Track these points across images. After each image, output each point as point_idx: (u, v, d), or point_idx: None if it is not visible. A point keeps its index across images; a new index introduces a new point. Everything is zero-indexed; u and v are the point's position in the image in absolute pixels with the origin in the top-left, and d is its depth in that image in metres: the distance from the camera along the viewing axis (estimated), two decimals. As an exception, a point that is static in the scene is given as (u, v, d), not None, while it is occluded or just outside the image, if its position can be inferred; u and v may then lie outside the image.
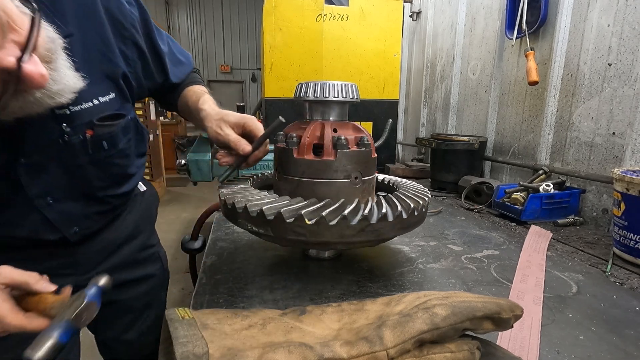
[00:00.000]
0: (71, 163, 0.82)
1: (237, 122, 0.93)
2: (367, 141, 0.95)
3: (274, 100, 2.41)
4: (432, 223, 1.56)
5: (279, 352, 0.49)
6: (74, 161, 0.82)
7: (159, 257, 1.24)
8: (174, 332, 0.52)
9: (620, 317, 0.85)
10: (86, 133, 0.80)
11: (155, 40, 0.97)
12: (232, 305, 0.85)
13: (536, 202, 1.62)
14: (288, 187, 0.96)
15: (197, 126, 1.06)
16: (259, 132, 0.95)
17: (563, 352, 0.71)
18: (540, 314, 0.84)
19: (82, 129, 0.80)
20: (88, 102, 0.79)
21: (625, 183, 1.18)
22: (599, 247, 1.37)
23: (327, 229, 0.80)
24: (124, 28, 0.86)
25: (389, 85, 2.60)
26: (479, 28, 2.62)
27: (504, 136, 2.39)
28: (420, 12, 3.52)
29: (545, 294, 0.94)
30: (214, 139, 0.94)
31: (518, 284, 0.99)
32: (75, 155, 0.82)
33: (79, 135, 0.80)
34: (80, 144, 0.81)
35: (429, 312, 0.55)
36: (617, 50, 1.61)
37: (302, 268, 1.06)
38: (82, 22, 0.77)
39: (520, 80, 2.23)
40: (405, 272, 1.05)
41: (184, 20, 12.68)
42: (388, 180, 1.20)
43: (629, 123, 1.54)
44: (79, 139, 0.80)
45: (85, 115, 0.79)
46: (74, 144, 0.80)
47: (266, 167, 1.85)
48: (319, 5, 2.39)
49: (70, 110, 0.77)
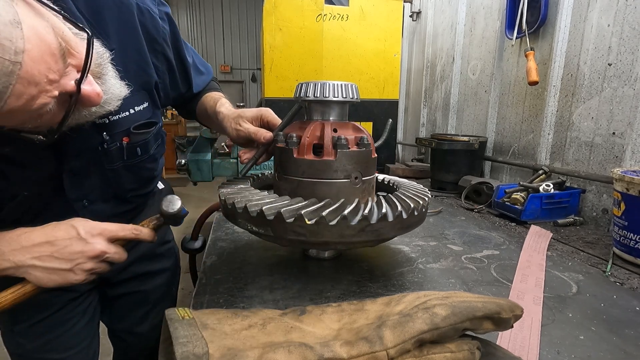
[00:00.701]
0: (108, 168, 0.88)
1: (254, 116, 0.98)
2: (367, 141, 0.95)
3: (274, 100, 2.41)
4: (432, 223, 1.55)
5: (279, 352, 0.49)
6: (111, 167, 0.88)
7: (174, 252, 1.31)
8: (174, 332, 0.52)
9: (620, 317, 0.85)
10: (123, 140, 0.86)
11: (183, 54, 1.02)
12: (232, 305, 0.85)
13: (536, 202, 1.62)
14: (288, 187, 0.96)
15: (217, 130, 1.12)
16: (276, 122, 0.99)
17: (563, 352, 0.71)
18: (540, 314, 0.84)
19: (120, 137, 0.86)
20: (125, 112, 0.84)
21: (625, 183, 1.18)
22: (599, 247, 1.37)
23: (327, 229, 0.80)
24: (156, 42, 0.91)
25: (389, 85, 2.60)
26: (479, 28, 2.62)
27: (504, 136, 2.39)
28: (420, 12, 3.52)
29: (545, 294, 0.94)
30: (235, 136, 0.98)
31: (518, 284, 0.99)
32: (112, 161, 0.87)
33: (116, 143, 0.85)
34: (117, 151, 0.87)
35: (429, 312, 0.55)
36: (617, 50, 1.61)
37: (302, 268, 1.06)
38: (122, 36, 0.82)
39: (520, 80, 2.23)
40: (405, 272, 1.05)
41: (184, 20, 12.68)
42: (388, 180, 1.20)
43: (629, 123, 1.54)
44: (116, 146, 0.86)
45: (123, 124, 0.85)
46: (111, 151, 0.86)
47: (266, 167, 1.85)
48: (319, 5, 2.39)
49: (110, 120, 0.82)
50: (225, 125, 1.00)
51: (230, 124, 0.98)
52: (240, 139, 0.98)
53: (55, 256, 0.70)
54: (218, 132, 1.81)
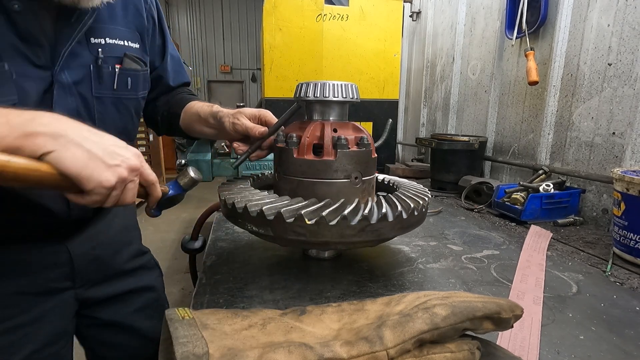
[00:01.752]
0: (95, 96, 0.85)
1: (253, 114, 1.01)
2: (367, 141, 0.95)
3: (274, 100, 2.41)
4: (432, 223, 1.56)
5: (279, 352, 0.49)
6: (99, 93, 0.85)
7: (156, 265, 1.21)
8: (174, 332, 0.52)
9: (620, 317, 0.85)
10: (116, 66, 0.87)
11: (164, 25, 1.07)
12: (232, 305, 0.85)
13: (536, 202, 1.62)
14: (288, 187, 0.96)
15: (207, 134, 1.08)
16: (274, 122, 1.02)
17: (563, 352, 0.71)
18: (540, 314, 0.84)
19: (113, 61, 0.86)
20: (121, 41, 0.87)
21: (625, 183, 1.18)
22: (599, 247, 1.37)
23: (327, 229, 0.80)
24: (146, 3, 0.99)
25: (388, 85, 2.60)
26: (479, 28, 2.62)
27: (504, 136, 2.39)
28: (420, 12, 3.52)
29: (545, 294, 0.94)
30: (232, 130, 0.99)
31: (518, 284, 0.99)
32: (102, 86, 0.85)
33: (109, 66, 0.85)
34: (108, 76, 0.86)
35: (429, 312, 0.55)
36: (617, 50, 1.61)
37: (302, 268, 1.06)
38: None
39: (520, 80, 2.23)
40: (405, 272, 1.05)
41: (184, 20, 12.68)
42: (388, 180, 1.20)
43: (629, 123, 1.54)
44: (108, 70, 0.85)
45: (117, 50, 0.87)
46: (103, 72, 0.85)
47: (266, 167, 1.85)
48: (319, 5, 2.39)
49: (106, 41, 0.84)
50: (224, 121, 1.00)
51: (229, 119, 0.99)
52: (236, 133, 0.99)
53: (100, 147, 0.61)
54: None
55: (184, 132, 1.14)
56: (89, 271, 0.96)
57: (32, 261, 0.87)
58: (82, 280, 0.96)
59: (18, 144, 0.55)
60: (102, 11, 0.81)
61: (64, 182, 0.59)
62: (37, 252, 0.87)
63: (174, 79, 1.15)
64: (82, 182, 0.59)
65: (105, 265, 1.01)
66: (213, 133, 1.06)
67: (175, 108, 1.12)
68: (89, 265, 0.96)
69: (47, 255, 0.89)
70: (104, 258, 1.00)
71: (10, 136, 0.54)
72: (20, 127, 0.55)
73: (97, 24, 0.82)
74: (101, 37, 0.83)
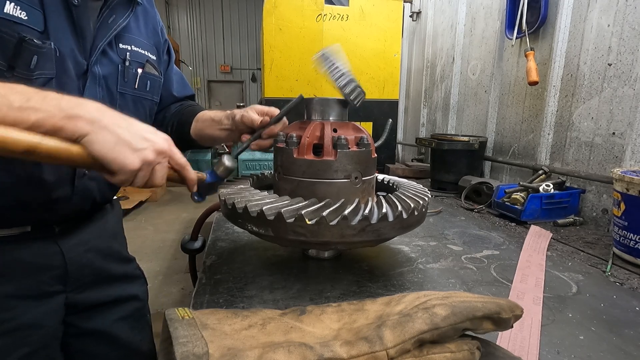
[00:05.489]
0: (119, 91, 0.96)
1: (262, 110, 1.07)
2: (367, 141, 0.95)
3: (274, 99, 2.41)
4: (432, 223, 1.56)
5: (279, 352, 0.49)
6: (123, 89, 0.97)
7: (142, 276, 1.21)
8: (173, 332, 0.52)
9: (620, 317, 0.85)
10: (138, 69, 1.00)
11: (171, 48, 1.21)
12: (232, 305, 0.85)
13: (536, 202, 1.62)
14: (288, 187, 0.96)
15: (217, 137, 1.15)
16: None
17: (563, 352, 0.71)
18: (540, 314, 0.84)
19: (136, 65, 0.99)
20: (143, 50, 1.01)
21: (625, 183, 1.18)
22: (599, 247, 1.37)
23: (328, 229, 0.80)
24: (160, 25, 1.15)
25: (389, 85, 2.60)
26: (479, 28, 2.62)
27: (504, 136, 2.39)
28: (420, 12, 3.53)
29: (545, 294, 0.94)
30: (240, 120, 1.06)
31: (518, 284, 0.99)
32: (125, 84, 0.97)
33: (133, 69, 0.98)
34: (132, 76, 0.98)
35: (429, 312, 0.55)
36: (617, 50, 1.61)
37: (302, 268, 1.06)
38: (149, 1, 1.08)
39: (520, 80, 2.23)
40: (405, 272, 1.05)
41: (184, 20, 12.68)
42: (388, 180, 1.20)
43: (629, 123, 1.54)
44: (132, 71, 0.98)
45: (140, 57, 1.00)
46: (129, 74, 0.97)
47: (266, 167, 1.85)
48: (319, 5, 2.39)
49: (132, 48, 0.97)
50: (236, 115, 1.07)
51: (240, 112, 1.07)
52: (244, 125, 1.06)
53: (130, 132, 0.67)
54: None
55: (192, 140, 1.19)
56: (80, 275, 0.97)
57: (27, 262, 0.87)
58: (74, 284, 0.96)
59: (61, 125, 0.62)
60: (131, 23, 0.97)
61: (94, 163, 0.65)
62: (32, 253, 0.88)
63: (177, 89, 1.25)
64: (109, 164, 0.65)
65: (96, 269, 1.02)
66: (225, 135, 1.13)
67: (186, 117, 1.19)
68: (81, 269, 0.97)
69: (41, 257, 0.89)
70: (95, 262, 1.01)
71: (57, 116, 0.61)
72: (67, 110, 0.62)
73: (126, 32, 0.96)
74: (128, 44, 0.97)
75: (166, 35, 1.19)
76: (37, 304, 0.90)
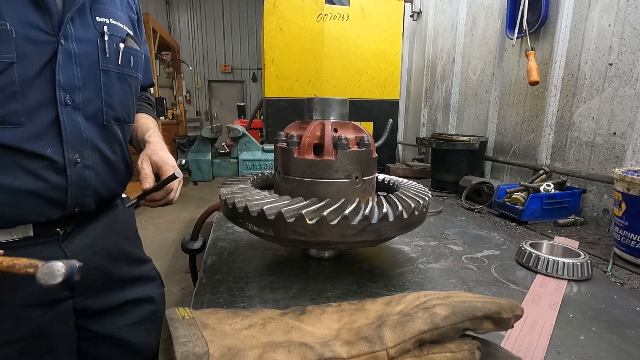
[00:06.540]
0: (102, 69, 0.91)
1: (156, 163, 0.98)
2: (368, 141, 0.95)
3: (274, 99, 2.41)
4: (432, 223, 1.55)
5: (279, 352, 0.49)
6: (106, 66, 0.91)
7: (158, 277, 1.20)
8: (174, 332, 0.52)
9: (621, 317, 0.85)
10: (120, 44, 0.94)
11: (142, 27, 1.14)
12: (232, 305, 0.85)
13: (537, 202, 1.62)
14: (288, 186, 0.96)
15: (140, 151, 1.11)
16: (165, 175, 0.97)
17: (563, 352, 0.71)
18: (554, 318, 0.82)
19: (117, 39, 0.94)
20: (122, 24, 0.95)
21: (626, 183, 1.18)
22: (600, 247, 1.37)
23: (328, 229, 0.80)
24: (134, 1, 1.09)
25: (389, 85, 2.59)
26: (480, 28, 2.62)
27: (505, 136, 2.39)
28: (420, 12, 3.52)
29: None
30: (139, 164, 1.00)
31: (537, 288, 0.97)
32: (108, 60, 0.92)
33: (114, 43, 0.92)
34: (114, 52, 0.93)
35: (429, 311, 0.55)
36: (618, 50, 1.61)
37: (302, 268, 1.06)
38: None
39: (521, 80, 2.23)
40: (405, 272, 1.05)
41: (185, 20, 12.68)
42: (388, 180, 1.20)
43: (630, 123, 1.54)
44: (113, 46, 0.92)
45: (120, 30, 0.95)
46: (110, 49, 0.91)
47: (266, 167, 1.85)
48: (320, 5, 2.39)
49: (110, 22, 0.92)
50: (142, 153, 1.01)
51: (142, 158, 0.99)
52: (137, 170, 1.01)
53: None
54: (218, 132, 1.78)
55: None
56: (88, 280, 0.94)
57: None
58: (81, 289, 0.95)
59: None
60: None
61: None
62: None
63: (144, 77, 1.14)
64: None
65: (104, 273, 1.00)
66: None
67: None
68: (88, 274, 0.94)
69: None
70: (103, 266, 0.99)
71: None
72: None
73: (100, 4, 0.90)
74: (106, 17, 0.91)
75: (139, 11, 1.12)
76: (45, 310, 0.89)
